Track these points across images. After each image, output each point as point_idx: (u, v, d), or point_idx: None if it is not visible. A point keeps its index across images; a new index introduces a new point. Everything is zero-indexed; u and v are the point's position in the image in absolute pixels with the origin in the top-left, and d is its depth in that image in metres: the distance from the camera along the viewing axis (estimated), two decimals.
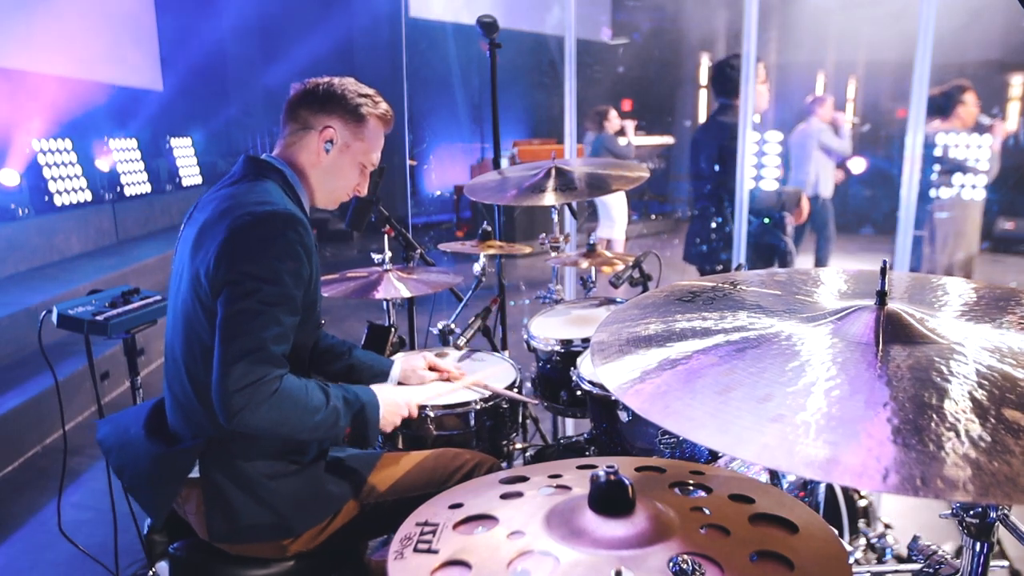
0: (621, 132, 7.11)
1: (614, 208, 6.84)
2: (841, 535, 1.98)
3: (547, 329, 2.42)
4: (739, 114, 3.61)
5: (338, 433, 1.58)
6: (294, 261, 1.49)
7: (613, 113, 7.05)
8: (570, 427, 3.23)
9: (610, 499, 0.95)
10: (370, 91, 1.71)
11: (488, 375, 2.09)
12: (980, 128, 4.39)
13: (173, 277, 1.64)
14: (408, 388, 1.93)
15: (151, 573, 1.80)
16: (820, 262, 6.17)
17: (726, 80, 3.57)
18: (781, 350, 0.97)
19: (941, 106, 4.39)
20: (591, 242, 2.60)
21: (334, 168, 1.69)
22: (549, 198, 2.42)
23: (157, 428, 1.66)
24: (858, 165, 6.04)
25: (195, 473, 1.56)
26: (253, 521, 1.54)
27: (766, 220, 3.41)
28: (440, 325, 2.47)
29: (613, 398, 1.90)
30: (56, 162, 6.10)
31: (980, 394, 0.83)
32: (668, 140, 10.95)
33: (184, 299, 1.55)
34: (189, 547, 1.63)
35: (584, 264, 2.51)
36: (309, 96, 1.67)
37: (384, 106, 1.72)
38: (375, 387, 1.74)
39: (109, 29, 7.30)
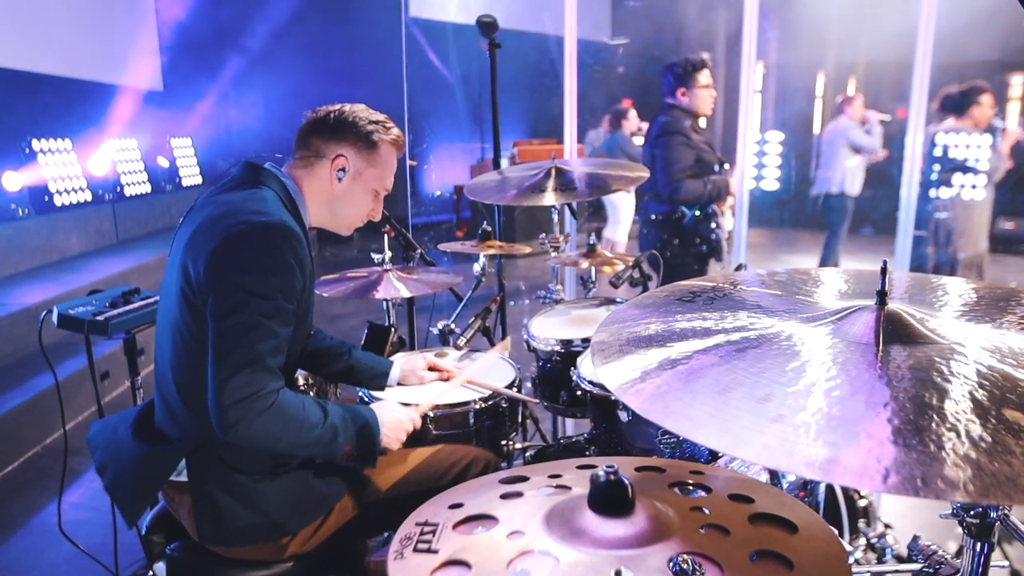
0: (637, 132, 7.08)
1: (622, 209, 6.84)
2: (841, 535, 1.98)
3: (547, 329, 2.41)
4: (676, 112, 3.57)
5: (335, 451, 1.56)
6: (285, 274, 1.47)
7: (633, 113, 7.01)
8: (570, 427, 3.23)
9: (610, 499, 0.95)
10: (381, 117, 1.71)
11: (481, 368, 2.09)
12: (992, 130, 4.39)
13: (165, 279, 1.63)
14: (410, 394, 1.93)
15: (150, 573, 1.80)
16: (825, 261, 6.14)
17: (664, 81, 3.63)
18: (781, 350, 0.97)
19: (957, 104, 4.37)
20: (590, 242, 2.60)
21: (347, 195, 1.69)
22: (549, 198, 2.42)
23: (144, 428, 1.65)
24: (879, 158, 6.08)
25: (183, 477, 1.56)
26: (243, 524, 1.54)
27: (697, 212, 3.50)
28: (440, 325, 2.47)
29: (613, 398, 1.90)
30: (56, 162, 6.10)
31: (980, 394, 0.83)
32: None
33: (173, 301, 1.54)
34: (186, 548, 1.62)
35: (584, 264, 2.51)
36: (320, 124, 1.67)
37: (396, 131, 1.72)
38: (374, 406, 1.72)
39: (109, 29, 7.30)
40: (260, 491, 1.56)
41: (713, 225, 3.55)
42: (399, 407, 1.77)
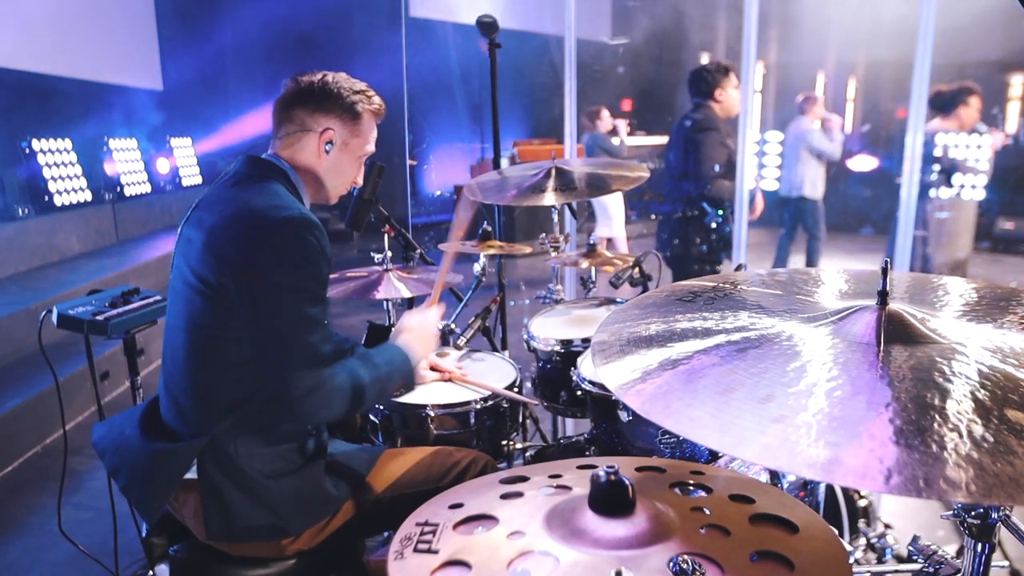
0: (613, 131, 7.21)
1: (611, 206, 6.87)
2: (841, 535, 1.98)
3: (547, 329, 2.41)
4: (710, 112, 3.65)
5: (391, 394, 1.79)
6: (318, 264, 1.52)
7: (605, 112, 7.19)
8: (570, 427, 3.23)
9: (610, 499, 0.95)
10: (363, 86, 1.72)
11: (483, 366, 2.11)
12: (977, 133, 4.40)
13: (174, 278, 1.62)
14: (410, 394, 1.96)
15: (151, 574, 1.79)
16: (810, 262, 6.19)
17: (701, 82, 3.71)
18: (782, 350, 0.97)
19: (944, 104, 4.38)
20: (591, 242, 2.59)
21: (335, 166, 1.71)
22: (549, 198, 2.41)
23: (153, 427, 1.65)
24: (862, 163, 6.01)
25: (192, 474, 1.56)
26: (251, 521, 1.54)
27: (720, 212, 3.48)
28: (440, 325, 2.46)
29: (613, 398, 1.89)
30: (56, 162, 6.09)
31: (982, 394, 0.82)
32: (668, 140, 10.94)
33: (190, 301, 1.54)
34: (189, 548, 1.62)
35: (584, 264, 2.51)
36: (304, 96, 1.67)
37: (377, 100, 1.74)
38: (395, 332, 1.85)
39: (109, 29, 7.29)
40: (269, 489, 1.56)
41: (728, 228, 3.58)
42: (414, 315, 1.88)
